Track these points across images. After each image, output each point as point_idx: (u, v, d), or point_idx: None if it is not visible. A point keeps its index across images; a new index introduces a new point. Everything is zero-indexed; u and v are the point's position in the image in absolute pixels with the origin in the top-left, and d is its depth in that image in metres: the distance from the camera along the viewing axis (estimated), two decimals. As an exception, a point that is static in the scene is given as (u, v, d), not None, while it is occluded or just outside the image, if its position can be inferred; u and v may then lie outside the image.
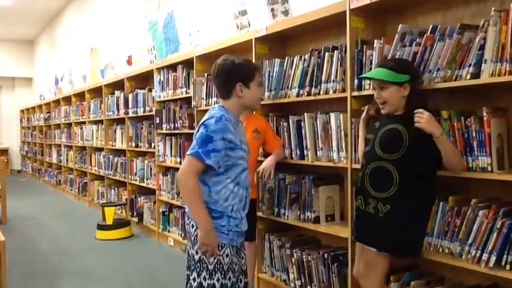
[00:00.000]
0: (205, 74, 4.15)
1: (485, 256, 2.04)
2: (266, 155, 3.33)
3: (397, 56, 2.42)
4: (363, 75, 2.47)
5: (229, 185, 2.17)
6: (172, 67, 4.90)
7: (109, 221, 5.45)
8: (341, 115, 2.81)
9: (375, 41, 2.56)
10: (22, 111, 13.69)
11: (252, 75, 2.23)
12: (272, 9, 3.42)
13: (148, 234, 5.59)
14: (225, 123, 2.12)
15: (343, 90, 2.78)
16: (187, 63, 4.59)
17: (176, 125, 4.76)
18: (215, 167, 2.10)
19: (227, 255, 2.17)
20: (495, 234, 2.01)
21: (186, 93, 4.60)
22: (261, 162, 3.27)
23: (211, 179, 2.15)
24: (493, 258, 2.01)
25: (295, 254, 3.17)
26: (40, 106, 11.52)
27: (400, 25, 2.45)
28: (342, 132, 2.80)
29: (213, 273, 2.13)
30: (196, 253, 2.16)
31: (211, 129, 2.10)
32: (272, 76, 3.35)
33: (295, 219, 3.20)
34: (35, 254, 4.81)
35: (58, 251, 4.94)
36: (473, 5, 2.37)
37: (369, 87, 2.58)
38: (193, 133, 4.32)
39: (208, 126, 2.12)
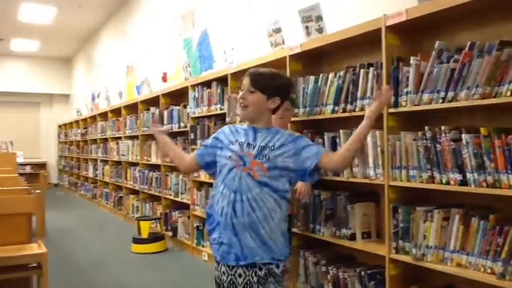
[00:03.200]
0: (240, 91, 4.20)
1: (529, 277, 2.00)
2: (301, 171, 3.34)
3: (434, 73, 2.41)
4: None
5: (219, 186, 2.07)
6: (207, 84, 4.99)
7: (144, 235, 5.54)
8: (377, 132, 2.81)
9: (411, 58, 2.57)
10: (60, 126, 14.11)
11: None
12: (306, 27, 3.46)
13: (182, 248, 5.65)
14: (223, 128, 2.23)
15: (379, 107, 2.78)
16: (222, 80, 4.67)
17: (210, 140, 4.82)
18: (198, 157, 2.22)
19: (223, 273, 2.04)
20: (539, 254, 1.96)
21: (220, 109, 4.67)
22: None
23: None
24: (538, 279, 1.96)
25: (330, 271, 3.16)
26: (77, 122, 11.86)
27: (437, 42, 2.45)
28: (379, 149, 2.79)
29: None
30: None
31: None
32: (306, 93, 3.38)
33: (331, 235, 3.19)
34: (72, 266, 4.93)
35: (95, 263, 5.05)
36: (512, 21, 2.35)
37: (406, 104, 2.58)
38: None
39: None
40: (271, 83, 2.09)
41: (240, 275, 2.00)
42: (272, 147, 2.04)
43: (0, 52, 12.75)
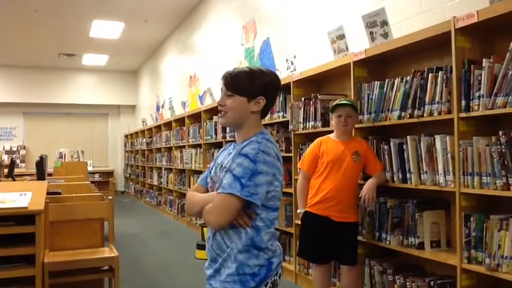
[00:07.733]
0: (302, 99, 4.22)
1: None
2: (366, 178, 3.30)
3: (509, 75, 2.32)
4: None
5: None
6: (269, 92, 5.03)
7: (208, 241, 5.63)
8: (447, 137, 2.73)
9: (484, 60, 2.48)
10: (126, 136, 14.69)
11: None
12: (371, 33, 3.43)
13: (244, 255, 5.68)
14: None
15: (449, 112, 2.71)
16: (284, 88, 4.68)
17: (273, 148, 4.85)
18: None
19: None
20: None
21: (283, 117, 4.70)
22: (361, 185, 3.25)
23: None
24: None
25: (397, 281, 3.08)
26: (143, 131, 12.31)
27: (511, 43, 2.36)
28: (449, 155, 2.71)
29: None
30: None
31: None
32: (371, 99, 3.34)
33: (398, 244, 3.12)
34: (140, 269, 5.11)
35: (161, 268, 5.20)
36: None
37: (478, 108, 2.49)
38: (290, 156, 4.41)
39: None
40: (251, 82, 1.78)
41: None
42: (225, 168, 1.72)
43: (73, 67, 13.53)
